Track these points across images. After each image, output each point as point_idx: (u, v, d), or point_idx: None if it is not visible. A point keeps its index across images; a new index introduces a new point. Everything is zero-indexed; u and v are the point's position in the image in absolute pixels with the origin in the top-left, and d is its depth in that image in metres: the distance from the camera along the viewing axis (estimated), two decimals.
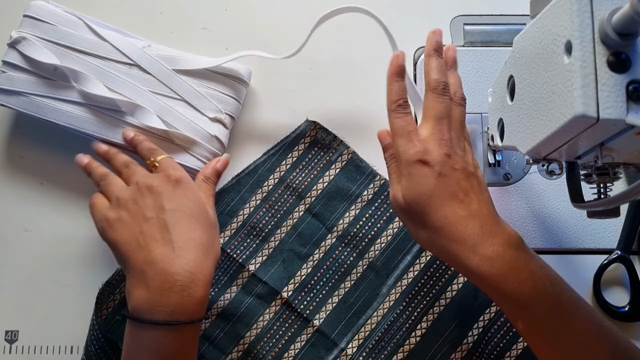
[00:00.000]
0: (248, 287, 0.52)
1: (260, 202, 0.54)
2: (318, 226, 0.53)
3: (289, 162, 0.54)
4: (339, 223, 0.53)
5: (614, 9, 0.31)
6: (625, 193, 0.33)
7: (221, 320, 0.52)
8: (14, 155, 0.56)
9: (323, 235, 0.53)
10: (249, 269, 0.52)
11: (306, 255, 0.53)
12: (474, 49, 0.56)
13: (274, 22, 0.58)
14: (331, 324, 0.52)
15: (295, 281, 0.52)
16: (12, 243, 0.55)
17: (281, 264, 0.52)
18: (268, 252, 0.53)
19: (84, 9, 0.55)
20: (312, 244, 0.53)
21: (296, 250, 0.53)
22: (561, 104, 0.33)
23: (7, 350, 0.53)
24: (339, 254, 0.53)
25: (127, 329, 0.44)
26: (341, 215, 0.53)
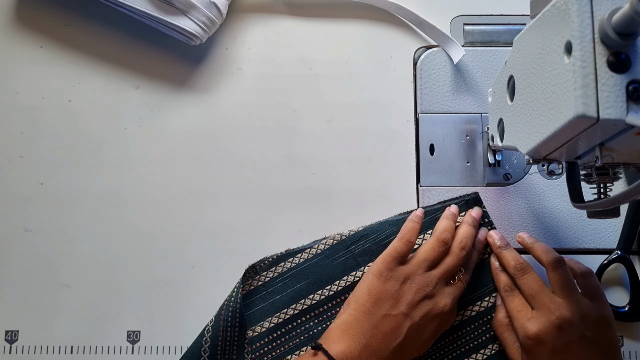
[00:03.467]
0: None
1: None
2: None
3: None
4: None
5: (614, 9, 0.31)
6: (625, 193, 0.33)
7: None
8: (14, 155, 0.56)
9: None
10: None
11: None
12: (474, 49, 0.56)
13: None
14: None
15: None
16: (12, 243, 0.55)
17: None
18: None
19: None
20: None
21: None
22: (561, 104, 0.33)
23: (7, 350, 0.53)
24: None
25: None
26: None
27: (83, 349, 0.53)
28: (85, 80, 0.57)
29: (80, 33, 0.58)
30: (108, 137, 0.56)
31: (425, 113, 0.56)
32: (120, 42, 0.58)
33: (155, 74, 0.57)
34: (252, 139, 0.56)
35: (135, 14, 0.54)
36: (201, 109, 0.57)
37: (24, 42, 0.58)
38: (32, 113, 0.57)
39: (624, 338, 0.52)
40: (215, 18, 0.54)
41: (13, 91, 0.57)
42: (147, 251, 0.54)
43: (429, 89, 0.56)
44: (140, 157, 0.56)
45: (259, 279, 0.52)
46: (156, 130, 0.57)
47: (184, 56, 0.57)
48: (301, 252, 0.52)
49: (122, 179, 0.56)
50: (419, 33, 0.58)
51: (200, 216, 0.55)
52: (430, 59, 0.57)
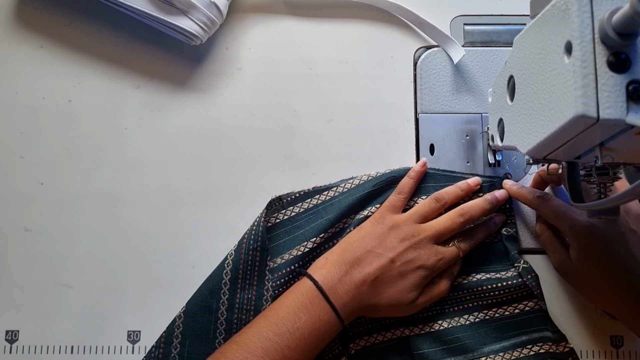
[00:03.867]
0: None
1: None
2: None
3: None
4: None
5: (614, 9, 0.31)
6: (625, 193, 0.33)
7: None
8: (14, 155, 0.56)
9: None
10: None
11: None
12: (474, 49, 0.56)
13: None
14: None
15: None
16: (12, 243, 0.55)
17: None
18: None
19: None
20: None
21: None
22: (561, 104, 0.33)
23: (7, 350, 0.53)
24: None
25: (302, 289, 0.46)
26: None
27: (83, 349, 0.53)
28: (85, 80, 0.57)
29: (80, 33, 0.58)
30: (108, 137, 0.56)
31: (425, 113, 0.56)
32: (120, 42, 0.58)
33: (156, 74, 0.57)
34: (252, 139, 0.56)
35: (136, 14, 0.54)
36: (201, 109, 0.57)
37: (24, 42, 0.58)
38: (32, 113, 0.57)
39: (623, 338, 0.52)
40: (215, 18, 0.54)
41: (13, 91, 0.57)
42: (147, 251, 0.54)
43: (429, 89, 0.56)
44: (140, 157, 0.56)
45: (285, 213, 0.53)
46: (156, 130, 0.57)
47: (184, 56, 0.58)
48: (328, 190, 0.53)
49: (122, 179, 0.56)
50: (419, 33, 0.58)
51: (200, 216, 0.55)
52: (430, 59, 0.57)
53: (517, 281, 0.50)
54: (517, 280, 0.50)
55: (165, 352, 0.50)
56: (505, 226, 0.53)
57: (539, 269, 0.52)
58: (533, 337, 0.51)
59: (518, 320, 0.51)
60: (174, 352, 0.50)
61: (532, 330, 0.51)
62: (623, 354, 0.52)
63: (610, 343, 0.52)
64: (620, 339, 0.52)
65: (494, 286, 0.50)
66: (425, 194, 0.53)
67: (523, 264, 0.51)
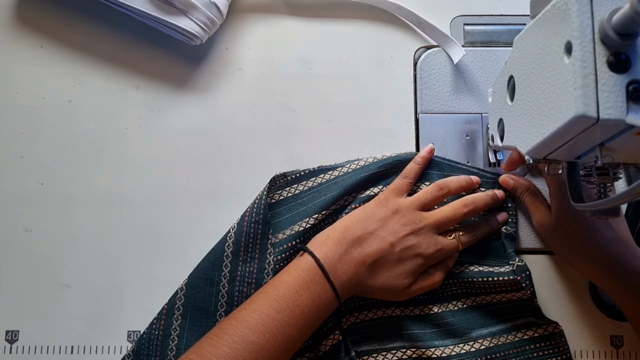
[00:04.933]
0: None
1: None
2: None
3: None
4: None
5: (614, 9, 0.31)
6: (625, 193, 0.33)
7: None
8: (14, 155, 0.56)
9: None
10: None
11: None
12: (474, 49, 0.56)
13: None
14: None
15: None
16: (12, 243, 0.55)
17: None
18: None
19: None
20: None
21: None
22: (561, 104, 0.33)
23: (7, 350, 0.53)
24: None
25: (303, 266, 0.46)
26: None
27: (83, 349, 0.53)
28: (85, 80, 0.57)
29: (80, 33, 0.58)
30: (108, 137, 0.56)
31: (425, 113, 0.56)
32: (120, 42, 0.58)
33: (156, 74, 0.57)
34: (252, 139, 0.56)
35: (136, 14, 0.54)
36: (201, 109, 0.57)
37: (24, 42, 0.58)
38: (32, 113, 0.57)
39: (623, 338, 0.52)
40: (215, 18, 0.54)
41: (13, 91, 0.57)
42: (147, 251, 0.54)
43: (429, 89, 0.56)
44: (140, 157, 0.56)
45: (289, 191, 0.53)
46: (156, 130, 0.57)
47: (184, 56, 0.58)
48: (333, 170, 0.54)
49: (122, 179, 0.56)
50: (419, 33, 0.58)
51: (200, 216, 0.55)
52: (430, 59, 0.57)
53: (510, 278, 0.50)
54: (510, 277, 0.50)
55: (166, 323, 0.50)
56: (506, 224, 0.53)
57: (539, 269, 0.52)
58: (518, 323, 0.51)
59: (505, 307, 0.52)
60: (175, 324, 0.50)
61: (517, 316, 0.52)
62: (623, 354, 0.52)
63: (610, 343, 0.52)
64: (620, 339, 0.52)
65: (486, 279, 0.51)
66: (429, 181, 0.53)
67: (518, 262, 0.51)
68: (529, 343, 0.51)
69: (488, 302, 0.52)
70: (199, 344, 0.43)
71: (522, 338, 0.51)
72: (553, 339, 0.51)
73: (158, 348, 0.50)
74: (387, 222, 0.48)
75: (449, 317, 0.52)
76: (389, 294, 0.49)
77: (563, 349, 0.51)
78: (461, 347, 0.51)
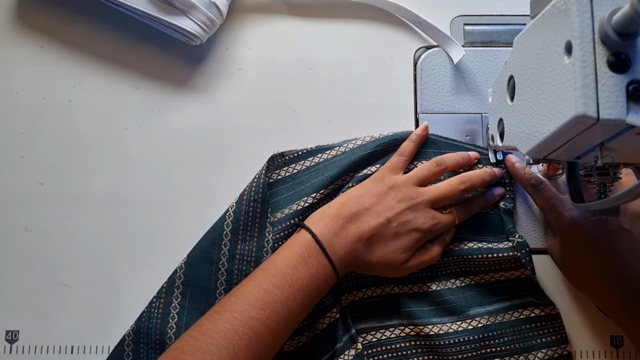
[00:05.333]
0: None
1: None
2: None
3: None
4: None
5: (614, 9, 0.31)
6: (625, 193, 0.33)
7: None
8: (14, 155, 0.56)
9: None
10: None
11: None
12: (474, 49, 0.56)
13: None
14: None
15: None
16: (12, 243, 0.55)
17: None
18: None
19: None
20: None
21: None
22: (561, 104, 0.33)
23: (7, 350, 0.53)
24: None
25: (301, 241, 0.46)
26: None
27: (83, 349, 0.53)
28: (85, 80, 0.57)
29: (80, 33, 0.58)
30: (108, 137, 0.56)
31: (425, 113, 0.56)
32: (120, 42, 0.58)
33: (155, 74, 0.57)
34: (252, 139, 0.56)
35: (136, 14, 0.54)
36: (201, 109, 0.57)
37: (24, 42, 0.58)
38: (32, 113, 0.57)
39: (624, 338, 0.52)
40: (215, 18, 0.54)
41: (13, 91, 0.57)
42: (147, 251, 0.54)
43: (429, 89, 0.56)
44: (140, 157, 0.56)
45: (287, 170, 0.54)
46: (156, 130, 0.57)
47: (184, 56, 0.58)
48: (330, 150, 0.54)
49: (122, 179, 0.56)
50: (419, 33, 0.58)
51: (200, 216, 0.55)
52: (430, 59, 0.57)
53: (510, 254, 0.50)
54: (510, 253, 0.50)
55: (166, 301, 0.50)
56: (504, 200, 0.53)
57: (539, 269, 0.52)
58: (516, 303, 0.52)
59: (503, 286, 0.52)
60: (175, 302, 0.51)
61: (515, 296, 0.52)
62: (623, 354, 0.52)
63: (610, 343, 0.52)
64: (620, 339, 0.52)
65: (486, 256, 0.51)
66: (425, 159, 0.53)
67: (518, 238, 0.51)
68: (526, 322, 0.51)
69: (487, 281, 0.52)
70: (200, 322, 0.43)
71: (518, 317, 0.51)
72: (550, 320, 0.51)
73: (158, 326, 0.50)
74: (383, 198, 0.49)
75: (447, 295, 0.52)
76: (387, 270, 0.49)
77: (559, 329, 0.51)
78: (459, 325, 0.51)
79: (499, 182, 0.53)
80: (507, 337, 0.51)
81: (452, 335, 0.50)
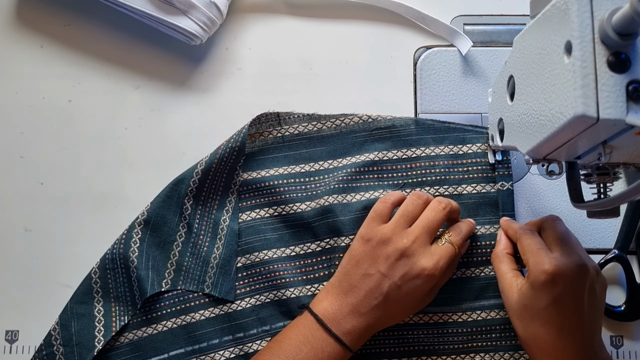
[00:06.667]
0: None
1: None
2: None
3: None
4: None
5: (614, 9, 0.31)
6: (625, 193, 0.33)
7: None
8: (14, 155, 0.56)
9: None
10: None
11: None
12: (474, 49, 0.56)
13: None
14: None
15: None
16: (12, 243, 0.55)
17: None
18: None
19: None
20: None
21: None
22: (561, 104, 0.33)
23: (7, 350, 0.53)
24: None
25: (304, 322, 0.47)
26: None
27: None
28: (85, 80, 0.57)
29: (80, 33, 0.58)
30: (108, 137, 0.56)
31: (425, 113, 0.56)
32: (120, 42, 0.58)
33: (155, 74, 0.57)
34: None
35: (136, 14, 0.54)
36: (201, 109, 0.57)
37: (24, 42, 0.58)
38: (32, 113, 0.57)
39: (623, 338, 0.52)
40: (215, 18, 0.54)
41: (13, 91, 0.57)
42: None
43: (429, 89, 0.56)
44: (140, 157, 0.56)
45: (280, 131, 0.54)
46: (156, 130, 0.57)
47: (184, 56, 0.58)
48: (326, 120, 0.55)
49: (122, 179, 0.56)
50: (419, 33, 0.58)
51: None
52: (430, 59, 0.57)
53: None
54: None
55: (128, 235, 0.52)
56: (502, 179, 0.53)
57: None
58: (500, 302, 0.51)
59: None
60: (137, 235, 0.52)
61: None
62: (623, 354, 0.52)
63: (610, 343, 0.52)
64: (620, 339, 0.52)
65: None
66: (424, 145, 0.54)
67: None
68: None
69: (477, 277, 0.52)
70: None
71: (504, 316, 0.51)
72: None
73: (121, 251, 0.51)
74: (375, 257, 0.47)
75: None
76: (408, 315, 0.51)
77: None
78: (449, 316, 0.51)
79: (495, 168, 0.53)
80: (496, 333, 0.51)
81: (441, 325, 0.51)
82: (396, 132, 0.54)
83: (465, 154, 0.54)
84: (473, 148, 0.54)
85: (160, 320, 0.51)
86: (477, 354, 0.51)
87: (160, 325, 0.51)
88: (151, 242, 0.52)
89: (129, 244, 0.51)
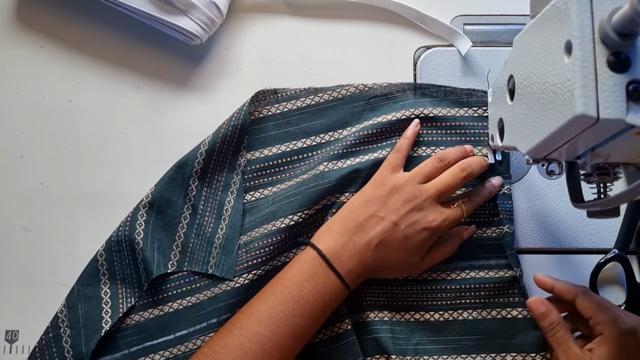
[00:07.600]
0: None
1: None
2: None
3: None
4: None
5: (614, 9, 0.31)
6: (625, 193, 0.33)
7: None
8: (14, 155, 0.56)
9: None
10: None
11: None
12: (474, 49, 0.56)
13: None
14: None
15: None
16: (12, 243, 0.55)
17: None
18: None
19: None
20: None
21: None
22: (561, 104, 0.33)
23: (7, 350, 0.53)
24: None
25: (307, 258, 0.47)
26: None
27: None
28: (85, 80, 0.57)
29: (80, 33, 0.58)
30: (108, 137, 0.56)
31: None
32: (120, 42, 0.58)
33: (155, 74, 0.57)
34: None
35: (135, 14, 0.54)
36: (201, 109, 0.57)
37: (24, 42, 0.58)
38: (32, 113, 0.57)
39: None
40: (215, 18, 0.54)
41: (13, 91, 0.57)
42: None
43: None
44: (140, 157, 0.56)
45: (278, 107, 0.55)
46: (156, 130, 0.57)
47: (184, 56, 0.58)
48: (323, 93, 0.55)
49: (122, 179, 0.56)
50: (419, 33, 0.58)
51: None
52: (430, 59, 0.57)
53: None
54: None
55: (133, 217, 0.52)
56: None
57: (539, 269, 0.52)
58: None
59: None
60: (142, 217, 0.52)
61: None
62: None
63: None
64: None
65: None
66: (422, 107, 0.54)
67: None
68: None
69: (478, 236, 0.53)
70: (212, 339, 0.45)
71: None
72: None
73: (126, 234, 0.51)
74: (387, 201, 0.48)
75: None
76: (402, 271, 0.50)
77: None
78: (438, 274, 0.52)
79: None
80: (485, 291, 0.51)
81: (430, 282, 0.52)
82: (393, 99, 0.54)
83: (462, 117, 0.54)
84: (470, 112, 0.54)
85: (166, 302, 0.51)
86: (464, 311, 0.51)
87: (166, 306, 0.51)
88: (156, 224, 0.52)
89: (134, 226, 0.51)
